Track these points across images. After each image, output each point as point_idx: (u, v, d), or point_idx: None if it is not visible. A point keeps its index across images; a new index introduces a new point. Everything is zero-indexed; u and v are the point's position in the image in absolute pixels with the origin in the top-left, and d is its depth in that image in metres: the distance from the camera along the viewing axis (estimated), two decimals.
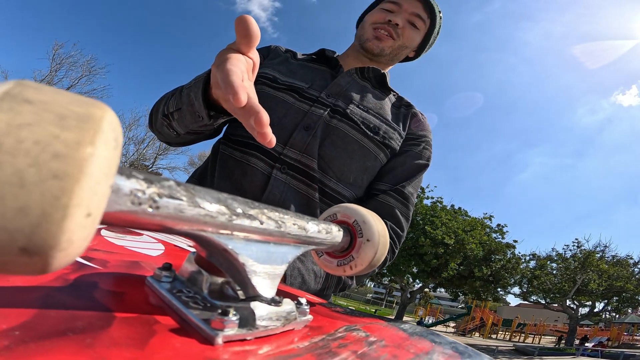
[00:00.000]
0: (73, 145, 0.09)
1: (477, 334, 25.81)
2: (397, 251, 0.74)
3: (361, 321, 0.28)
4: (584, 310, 19.75)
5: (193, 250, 0.22)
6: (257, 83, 0.74)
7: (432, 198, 16.29)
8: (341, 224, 0.30)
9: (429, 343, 0.24)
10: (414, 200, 0.77)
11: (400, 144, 0.79)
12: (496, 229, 16.67)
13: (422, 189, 15.47)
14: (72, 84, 17.18)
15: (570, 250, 18.04)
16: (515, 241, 16.33)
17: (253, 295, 0.20)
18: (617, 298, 18.53)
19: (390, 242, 0.68)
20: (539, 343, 22.61)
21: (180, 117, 0.61)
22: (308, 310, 0.23)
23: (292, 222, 0.22)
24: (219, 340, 0.16)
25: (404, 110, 0.84)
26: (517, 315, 27.35)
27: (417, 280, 17.13)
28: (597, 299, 18.48)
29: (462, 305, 28.49)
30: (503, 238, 16.44)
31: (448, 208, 16.24)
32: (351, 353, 0.18)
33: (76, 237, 0.10)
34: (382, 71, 0.84)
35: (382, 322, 0.29)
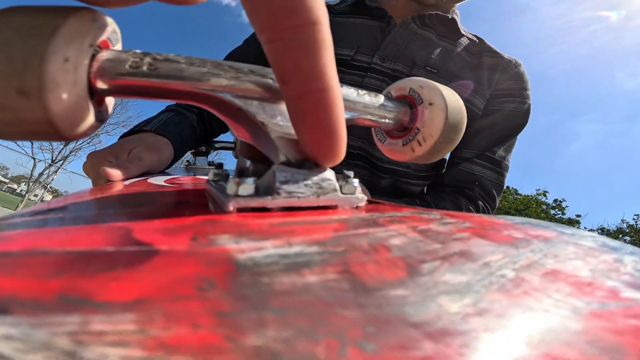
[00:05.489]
0: (45, 25, 0.11)
1: None
2: None
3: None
4: None
5: None
6: None
7: None
8: (398, 99, 0.23)
9: (551, 232, 0.14)
10: (507, 166, 0.64)
11: (483, 105, 0.64)
12: (554, 205, 14.94)
13: None
14: None
15: None
16: (579, 216, 14.50)
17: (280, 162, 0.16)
18: None
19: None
20: None
21: None
22: (358, 188, 0.17)
23: None
24: (230, 207, 0.14)
25: (488, 60, 0.66)
26: None
27: None
28: None
29: None
30: (564, 214, 14.64)
31: None
32: (411, 229, 0.13)
33: (61, 79, 0.12)
34: (450, 15, 0.65)
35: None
